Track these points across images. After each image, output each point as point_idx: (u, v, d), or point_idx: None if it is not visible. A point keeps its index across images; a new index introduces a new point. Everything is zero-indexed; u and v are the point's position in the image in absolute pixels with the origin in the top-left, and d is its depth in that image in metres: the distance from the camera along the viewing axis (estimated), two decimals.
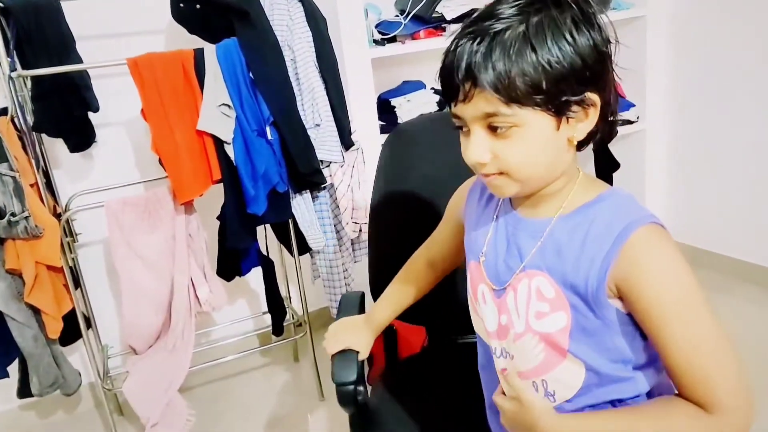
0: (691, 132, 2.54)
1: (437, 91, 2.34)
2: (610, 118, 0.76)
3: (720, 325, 0.69)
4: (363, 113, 2.05)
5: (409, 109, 2.24)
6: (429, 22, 2.22)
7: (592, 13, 0.72)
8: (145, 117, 1.66)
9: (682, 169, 2.63)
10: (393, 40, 2.16)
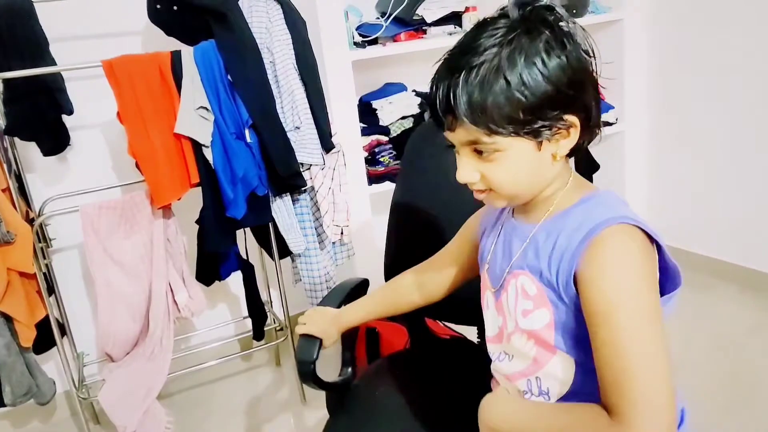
0: (670, 133, 2.57)
1: (419, 93, 2.34)
2: (596, 130, 0.79)
3: (658, 337, 0.68)
4: (344, 116, 2.04)
5: (390, 111, 2.24)
6: (410, 25, 2.21)
7: (565, 32, 0.73)
8: (121, 120, 1.63)
9: (661, 170, 2.66)
10: (374, 42, 2.16)
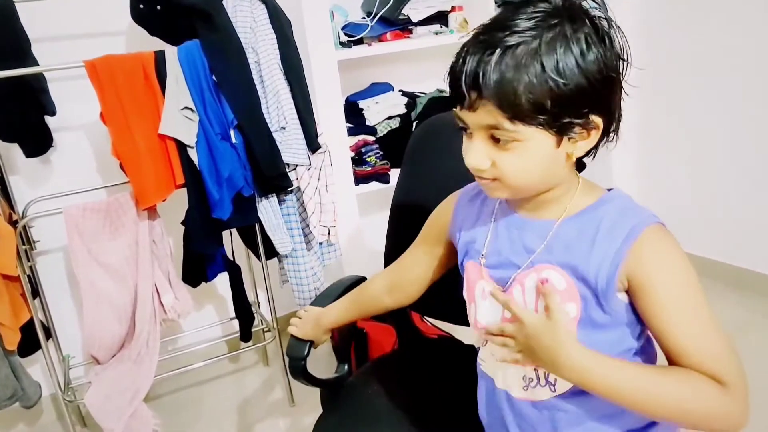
0: (657, 132, 2.58)
1: (405, 93, 2.34)
2: (612, 135, 0.78)
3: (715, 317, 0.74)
4: (330, 115, 2.04)
5: (377, 111, 2.24)
6: (396, 24, 2.21)
7: (605, 30, 0.72)
8: (104, 121, 1.62)
9: (647, 169, 2.67)
10: (360, 42, 2.16)
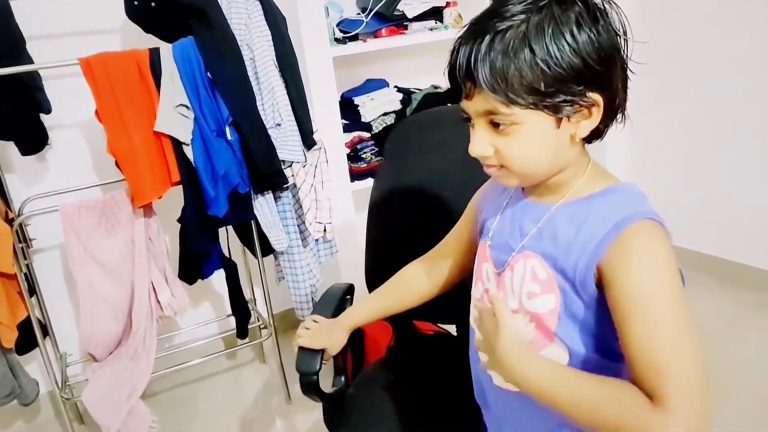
0: (649, 126, 2.59)
1: (400, 89, 2.35)
2: (619, 114, 0.77)
3: (692, 330, 0.68)
4: (325, 112, 2.04)
5: (372, 107, 2.24)
6: (391, 20, 2.21)
7: (598, 7, 0.71)
8: (99, 118, 1.62)
9: (639, 163, 2.68)
10: (355, 38, 2.16)
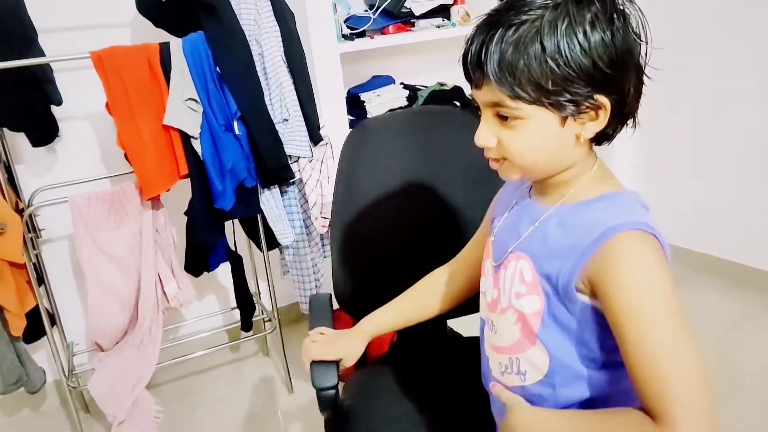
0: (656, 128, 2.60)
1: (406, 86, 2.36)
2: (629, 118, 0.76)
3: (690, 339, 0.66)
4: (332, 108, 2.05)
5: (379, 103, 2.25)
6: (398, 17, 2.23)
7: (617, 9, 0.69)
8: (110, 111, 1.64)
9: (647, 165, 2.68)
10: (362, 35, 2.17)
